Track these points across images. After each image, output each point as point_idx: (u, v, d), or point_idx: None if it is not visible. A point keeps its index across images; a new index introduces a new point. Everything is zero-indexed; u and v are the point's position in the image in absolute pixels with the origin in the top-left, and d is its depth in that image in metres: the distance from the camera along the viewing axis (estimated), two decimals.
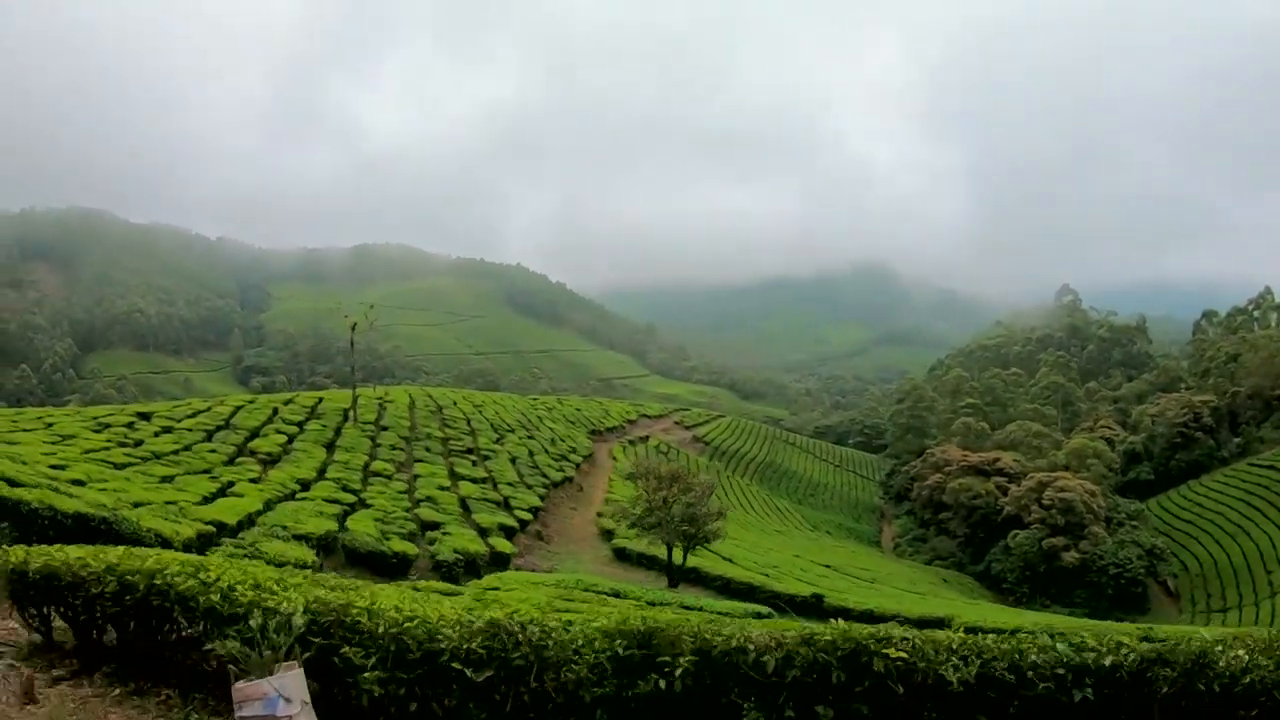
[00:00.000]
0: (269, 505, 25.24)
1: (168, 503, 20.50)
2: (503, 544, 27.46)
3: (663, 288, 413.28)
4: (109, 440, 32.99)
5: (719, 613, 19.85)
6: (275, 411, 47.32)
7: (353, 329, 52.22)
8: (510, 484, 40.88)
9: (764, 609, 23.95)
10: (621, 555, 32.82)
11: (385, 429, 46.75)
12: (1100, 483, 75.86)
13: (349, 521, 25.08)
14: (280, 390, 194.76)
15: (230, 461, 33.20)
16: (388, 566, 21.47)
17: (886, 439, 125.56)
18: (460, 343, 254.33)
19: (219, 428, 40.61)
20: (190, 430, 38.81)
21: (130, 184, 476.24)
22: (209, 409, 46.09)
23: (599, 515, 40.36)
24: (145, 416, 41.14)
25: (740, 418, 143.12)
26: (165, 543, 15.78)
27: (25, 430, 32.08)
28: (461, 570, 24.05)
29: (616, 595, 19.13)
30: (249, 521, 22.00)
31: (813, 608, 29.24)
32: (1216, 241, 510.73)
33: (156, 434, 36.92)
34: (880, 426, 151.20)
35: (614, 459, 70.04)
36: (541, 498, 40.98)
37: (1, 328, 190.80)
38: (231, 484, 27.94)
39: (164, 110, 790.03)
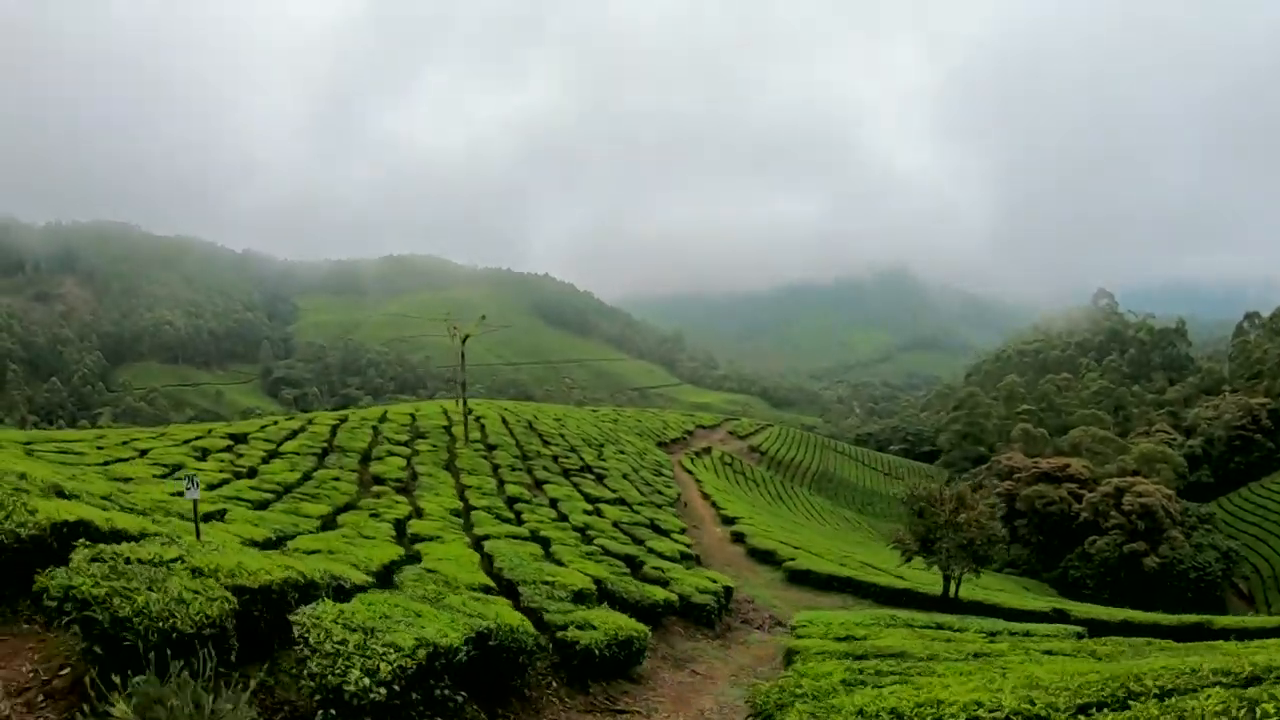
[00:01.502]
0: (480, 548, 22.29)
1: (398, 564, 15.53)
2: (723, 578, 27.20)
3: (685, 295, 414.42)
4: (221, 469, 31.18)
5: (1045, 635, 19.85)
6: (376, 430, 47.70)
7: (464, 341, 52.22)
8: (640, 504, 41.00)
9: (1075, 628, 23.54)
10: (797, 578, 32.66)
11: (494, 448, 47.06)
12: (1171, 487, 75.78)
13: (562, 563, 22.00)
14: (312, 403, 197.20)
15: (367, 491, 32.83)
16: (652, 615, 18.48)
17: (940, 446, 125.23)
18: (491, 353, 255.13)
19: (325, 450, 40.22)
20: (299, 454, 38.17)
21: (158, 197, 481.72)
22: (303, 428, 46.27)
23: (739, 535, 40.34)
24: (240, 438, 40.72)
25: (787, 426, 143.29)
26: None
27: (121, 460, 30.34)
28: (715, 612, 22.15)
29: (940, 628, 19.12)
30: (501, 580, 17.74)
31: (1045, 617, 28.89)
32: (1237, 244, 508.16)
33: (265, 459, 35.67)
34: (924, 433, 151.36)
35: (688, 471, 70.26)
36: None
37: (30, 341, 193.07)
38: (405, 526, 24.99)
39: (198, 124, 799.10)
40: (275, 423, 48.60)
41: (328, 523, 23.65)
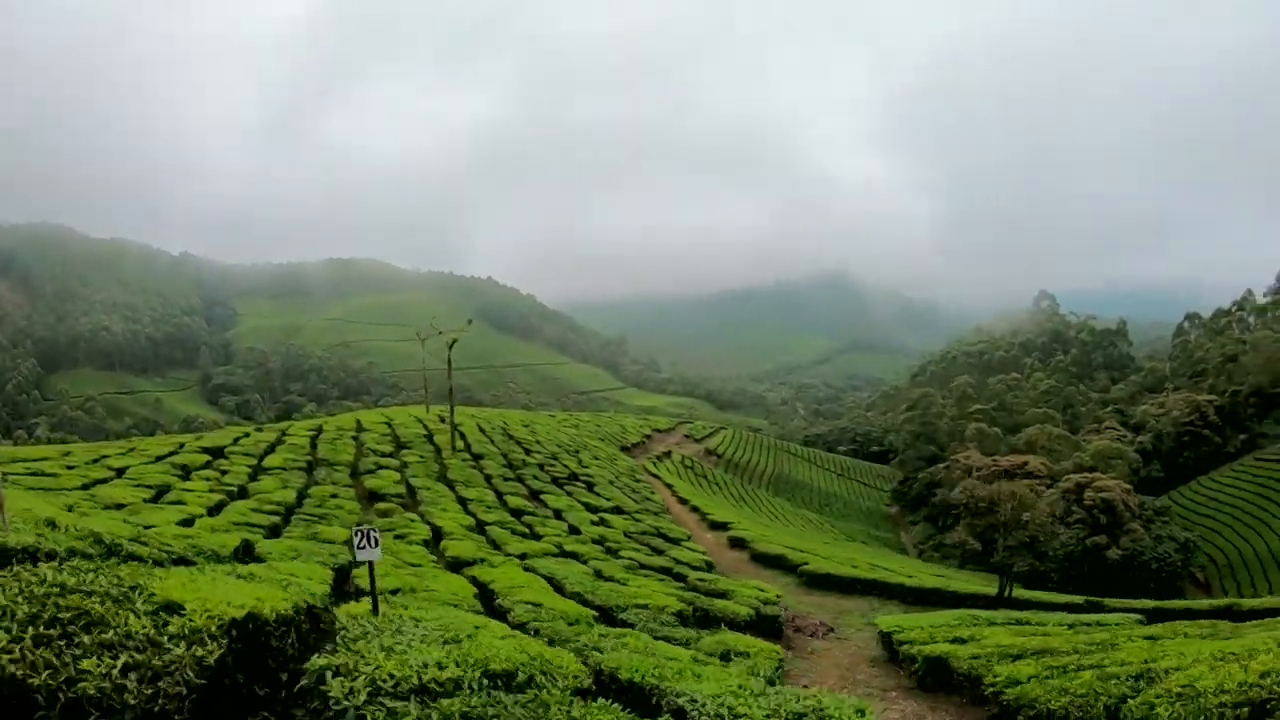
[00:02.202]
0: (534, 570, 20.90)
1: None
2: (770, 588, 26.46)
3: (627, 300, 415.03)
4: (211, 489, 29.89)
5: (1123, 623, 19.90)
6: (357, 441, 46.20)
7: (450, 346, 50.85)
8: (638, 513, 40.26)
9: (1137, 615, 23.65)
10: (815, 583, 32.12)
11: (481, 457, 45.86)
12: (1126, 482, 77.66)
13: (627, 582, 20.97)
14: (254, 410, 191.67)
15: (370, 509, 31.60)
16: (736, 629, 17.87)
17: (895, 446, 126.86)
18: (434, 358, 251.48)
19: (310, 464, 38.97)
20: (285, 468, 36.73)
21: (96, 199, 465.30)
22: (279, 439, 44.61)
23: (738, 540, 39.80)
24: (217, 453, 39.00)
25: (737, 429, 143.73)
26: None
27: (99, 480, 28.95)
28: (782, 623, 21.62)
29: (1021, 624, 18.95)
30: (589, 604, 16.48)
31: (1081, 608, 29.03)
32: (1168, 251, 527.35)
33: (251, 476, 34.31)
34: (872, 434, 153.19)
35: (655, 475, 69.79)
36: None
37: None
38: (438, 547, 23.89)
39: (139, 124, 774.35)
40: (247, 434, 46.77)
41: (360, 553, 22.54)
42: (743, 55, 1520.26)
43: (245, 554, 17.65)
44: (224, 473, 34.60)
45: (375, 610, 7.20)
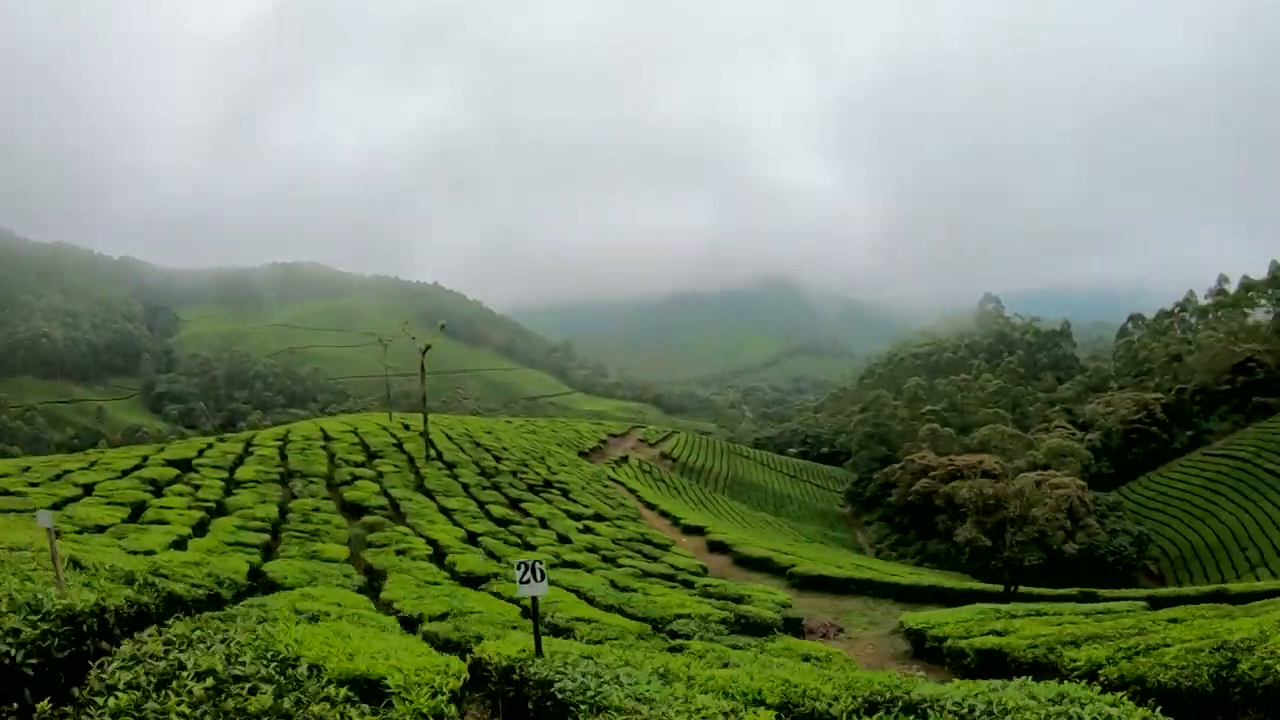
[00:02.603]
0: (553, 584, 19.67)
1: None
2: (778, 591, 26.12)
3: (573, 304, 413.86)
4: (189, 505, 28.46)
5: (1134, 609, 20.10)
6: (328, 451, 44.98)
7: (423, 353, 49.76)
8: (619, 519, 39.81)
9: (1141, 602, 23.99)
10: (808, 584, 31.90)
11: (454, 465, 44.93)
12: (1079, 479, 79.39)
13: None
14: (199, 419, 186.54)
15: (356, 522, 30.43)
16: (767, 631, 17.48)
17: (846, 448, 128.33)
18: (380, 364, 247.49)
19: (284, 475, 37.89)
20: (259, 481, 35.44)
21: (37, 202, 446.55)
22: (247, 450, 43.31)
23: (719, 544, 39.54)
24: (185, 465, 37.56)
25: (688, 432, 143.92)
26: None
27: (70, 499, 27.50)
28: (799, 624, 21.52)
29: (1041, 615, 18.97)
30: (631, 616, 15.59)
31: (1076, 599, 29.34)
32: (1106, 254, 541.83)
33: (226, 490, 32.80)
34: (822, 436, 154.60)
35: (618, 481, 69.42)
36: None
37: None
38: (444, 563, 22.66)
39: (85, 126, 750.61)
40: (211, 445, 45.34)
41: (365, 569, 21.35)
42: (693, 61, 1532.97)
43: (255, 579, 16.78)
44: (197, 487, 33.31)
45: (539, 651, 6.66)
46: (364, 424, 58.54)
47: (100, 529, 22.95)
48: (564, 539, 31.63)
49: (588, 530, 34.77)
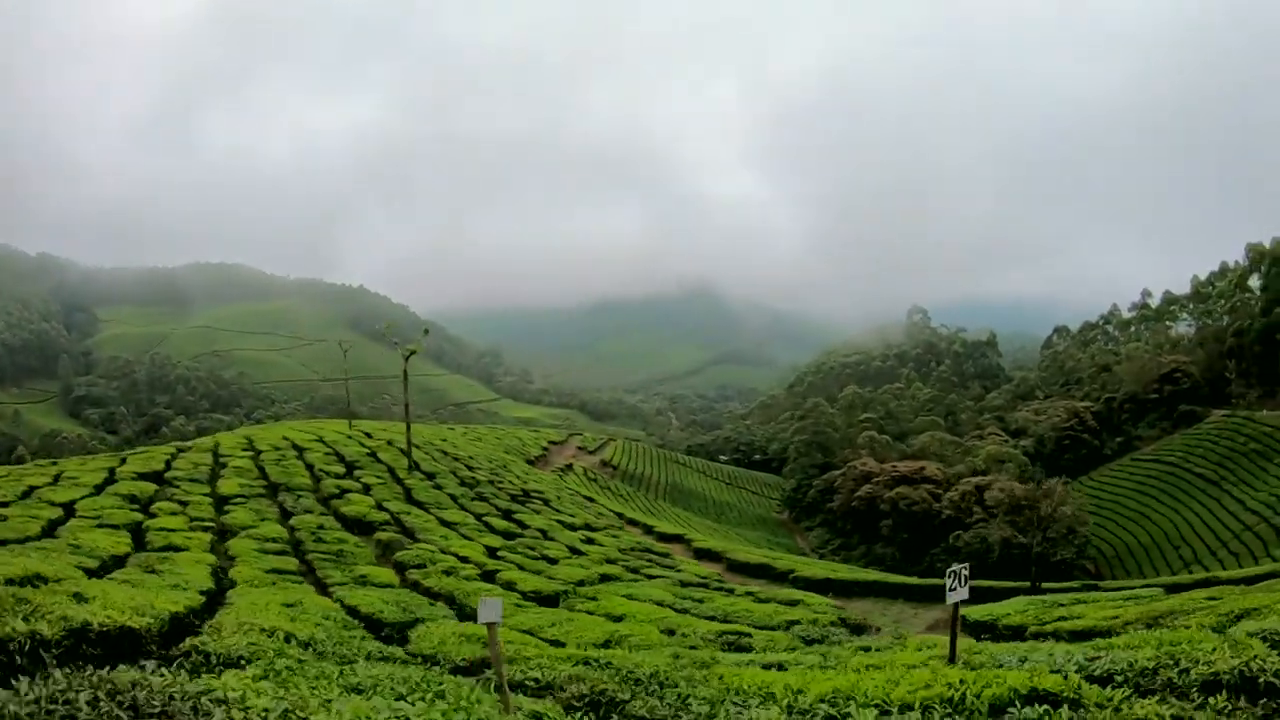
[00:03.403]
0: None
1: None
2: (819, 598, 26.44)
3: (495, 311, 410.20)
4: (190, 525, 27.24)
5: (1158, 595, 20.98)
6: (304, 461, 43.70)
7: (407, 359, 48.69)
8: (608, 530, 39.70)
9: (1160, 589, 25.09)
10: (813, 588, 32.28)
11: (434, 475, 44.20)
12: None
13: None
14: (119, 424, 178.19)
15: (369, 540, 29.38)
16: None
17: (778, 454, 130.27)
18: (306, 368, 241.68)
19: (270, 488, 36.51)
20: (245, 495, 33.40)
21: None
22: (221, 461, 41.89)
23: (708, 551, 39.73)
24: (157, 478, 35.51)
25: (622, 440, 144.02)
26: None
27: (55, 521, 25.98)
28: (861, 625, 21.49)
29: (1080, 603, 19.74)
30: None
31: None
32: (1022, 269, 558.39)
33: (217, 507, 31.13)
34: (755, 443, 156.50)
35: (573, 490, 69.24)
36: None
37: None
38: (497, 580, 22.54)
39: (7, 124, 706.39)
40: (177, 454, 43.64)
41: (424, 591, 20.36)
42: (624, 71, 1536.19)
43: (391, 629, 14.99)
44: (184, 504, 32.02)
45: (953, 658, 6.80)
46: (327, 432, 57.05)
47: (118, 560, 21.63)
48: (575, 551, 31.53)
49: (590, 541, 34.73)
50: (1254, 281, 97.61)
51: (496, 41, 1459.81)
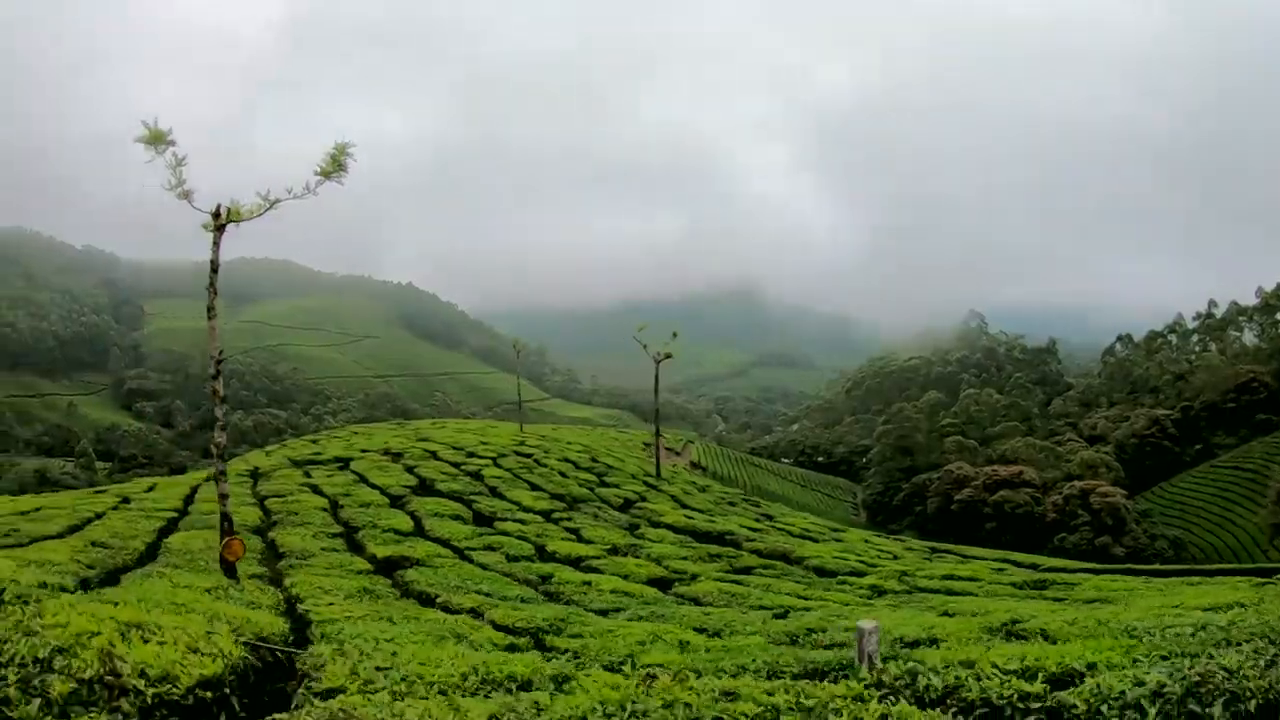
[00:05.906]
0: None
1: None
2: None
3: (538, 310, 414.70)
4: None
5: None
6: (420, 478, 39.98)
7: (658, 362, 52.83)
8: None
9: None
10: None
11: (671, 480, 49.32)
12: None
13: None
14: (175, 417, 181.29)
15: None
16: None
17: (854, 458, 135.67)
18: (359, 365, 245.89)
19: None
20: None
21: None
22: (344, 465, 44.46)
23: None
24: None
25: (703, 442, 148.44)
26: None
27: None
28: None
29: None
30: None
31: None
32: (1052, 278, 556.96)
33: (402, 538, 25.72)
34: (820, 445, 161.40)
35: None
36: None
37: None
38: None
39: (53, 108, 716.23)
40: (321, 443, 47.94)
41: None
42: (673, 77, 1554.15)
43: None
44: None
45: None
46: (503, 437, 59.34)
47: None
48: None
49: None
50: None
51: (540, 50, 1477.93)
